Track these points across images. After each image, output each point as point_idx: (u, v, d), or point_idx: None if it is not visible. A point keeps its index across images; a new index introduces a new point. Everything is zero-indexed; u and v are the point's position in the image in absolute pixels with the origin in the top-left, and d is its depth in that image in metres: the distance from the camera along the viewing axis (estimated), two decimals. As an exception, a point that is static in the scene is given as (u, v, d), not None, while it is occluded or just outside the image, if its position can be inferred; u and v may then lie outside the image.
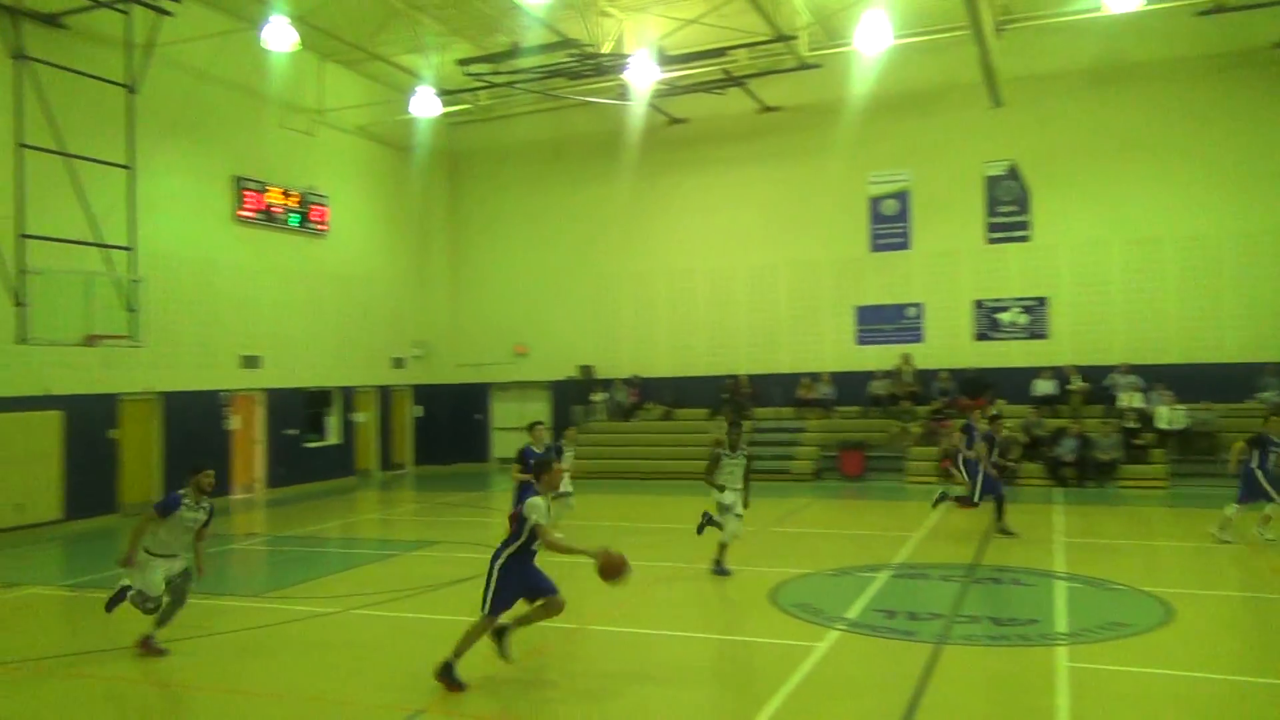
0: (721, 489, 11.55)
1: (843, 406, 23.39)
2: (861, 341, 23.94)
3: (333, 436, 23.99)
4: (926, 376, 22.88)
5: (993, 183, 23.03)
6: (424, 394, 26.94)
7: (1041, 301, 22.54)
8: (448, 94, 22.54)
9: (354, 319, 24.20)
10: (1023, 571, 11.61)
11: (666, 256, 25.84)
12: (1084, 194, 22.18)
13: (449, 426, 27.08)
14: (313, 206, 22.86)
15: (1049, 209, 22.47)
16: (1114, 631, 8.90)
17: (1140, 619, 9.36)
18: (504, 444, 26.89)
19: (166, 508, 8.55)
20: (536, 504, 7.45)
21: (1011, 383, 22.09)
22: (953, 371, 22.71)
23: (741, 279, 25.18)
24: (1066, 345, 22.16)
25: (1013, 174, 22.85)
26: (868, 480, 21.56)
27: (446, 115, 23.92)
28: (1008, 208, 22.93)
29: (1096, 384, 21.35)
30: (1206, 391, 20.22)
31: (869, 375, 23.32)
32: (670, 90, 22.58)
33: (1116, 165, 21.98)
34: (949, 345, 23.14)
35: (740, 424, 12.67)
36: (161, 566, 8.51)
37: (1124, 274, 21.98)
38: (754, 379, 24.45)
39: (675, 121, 25.40)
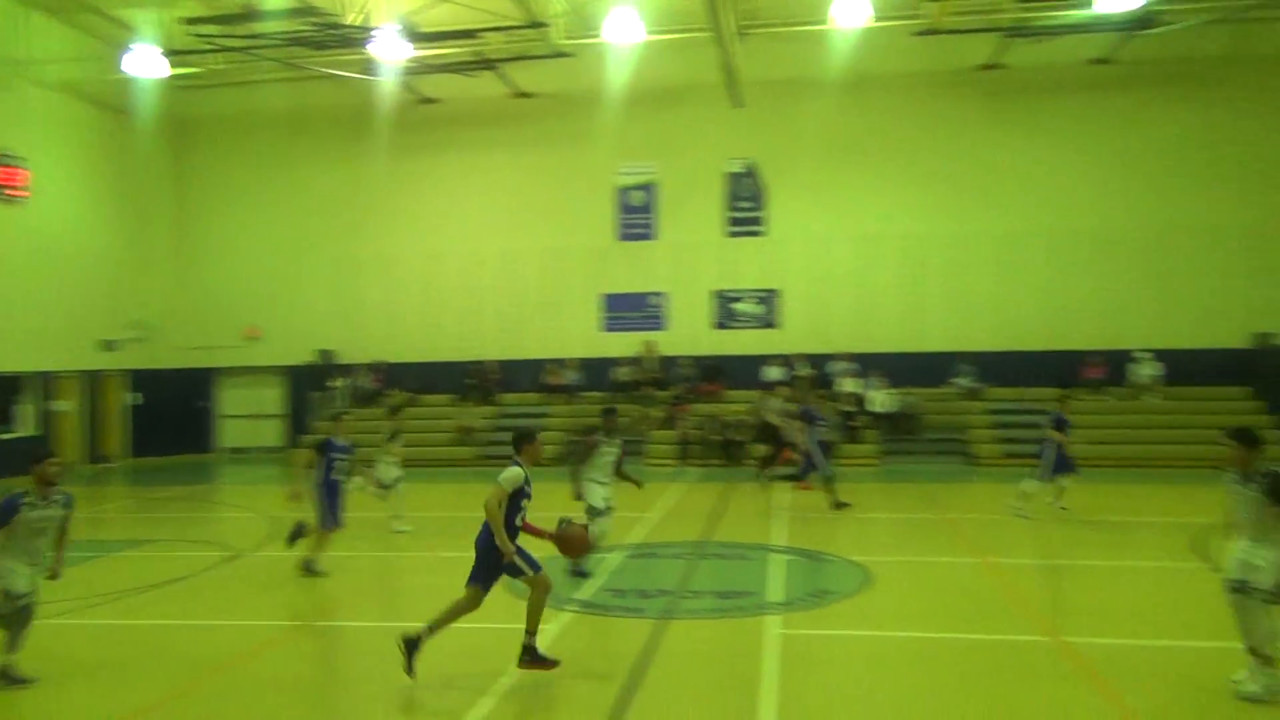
0: (595, 484, 10.35)
1: (588, 392, 23.80)
2: (608, 328, 24.46)
3: (26, 427, 21.49)
4: (668, 363, 23.71)
5: (733, 179, 24.18)
6: (142, 379, 24.75)
7: (774, 293, 23.95)
8: (174, 55, 20.76)
9: (56, 296, 21.81)
10: (747, 547, 12.27)
11: (416, 239, 25.19)
12: (815, 193, 23.77)
13: (170, 415, 25.04)
14: (6, 169, 20.35)
15: (783, 206, 23.90)
16: (822, 599, 9.60)
17: (845, 586, 10.14)
18: (234, 433, 25.25)
19: (4, 515, 7.17)
20: (514, 472, 7.36)
21: (745, 369, 23.32)
22: (694, 358, 23.68)
23: (491, 264, 24.99)
24: (796, 334, 23.68)
25: (751, 172, 24.08)
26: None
27: (173, 78, 22.02)
28: (746, 203, 24.15)
29: (821, 371, 22.97)
30: (913, 377, 22.26)
31: (614, 361, 23.87)
32: (421, 68, 21.98)
33: (845, 167, 23.71)
34: (690, 333, 24.11)
35: (616, 409, 11.43)
36: (23, 570, 7.22)
37: (848, 269, 23.76)
38: (502, 364, 24.37)
39: (426, 101, 24.78)
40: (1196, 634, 8.39)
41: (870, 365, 22.55)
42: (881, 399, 21.93)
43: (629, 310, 24.41)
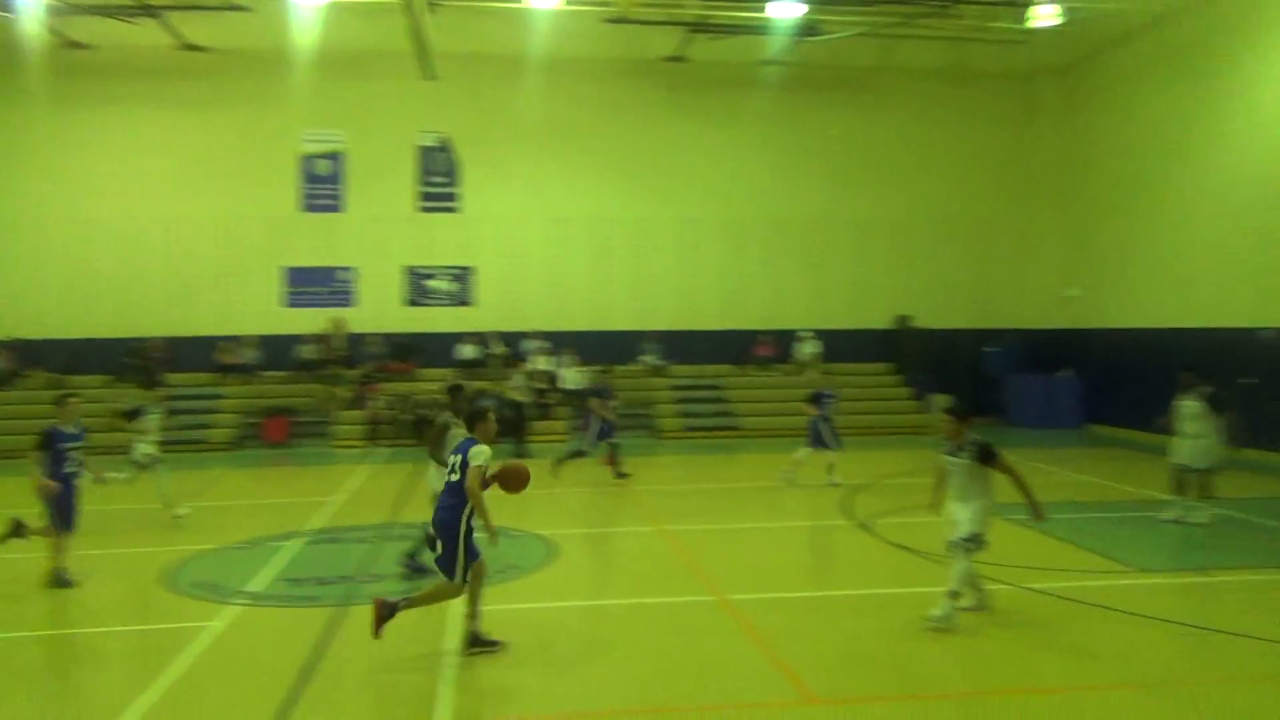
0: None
1: (268, 371, 22.38)
2: (290, 304, 23.10)
3: None
4: (357, 341, 22.83)
5: (426, 153, 23.62)
6: None
7: (468, 270, 23.74)
8: None
9: None
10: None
11: (66, 201, 22.34)
12: (509, 172, 23.77)
13: None
14: None
15: (478, 183, 23.69)
16: (507, 574, 9.67)
17: (531, 560, 10.30)
18: None
19: None
20: (483, 449, 7.17)
21: (439, 347, 22.98)
22: (384, 336, 22.96)
23: (156, 232, 22.75)
24: (490, 312, 23.63)
25: (445, 147, 23.65)
26: (293, 447, 20.91)
27: None
28: (439, 179, 23.70)
29: (514, 348, 23.12)
30: (602, 355, 22.95)
31: (298, 339, 22.60)
32: (68, 8, 19.43)
33: (538, 148, 23.87)
34: (380, 310, 23.34)
35: (462, 386, 10.43)
36: None
37: (540, 248, 24.03)
38: (169, 342, 22.28)
39: (74, 46, 21.96)
40: (840, 584, 9.36)
41: (562, 343, 23.00)
42: (572, 376, 22.45)
43: (314, 285, 23.19)
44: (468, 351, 22.95)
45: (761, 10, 20.82)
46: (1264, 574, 9.79)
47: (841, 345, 24.32)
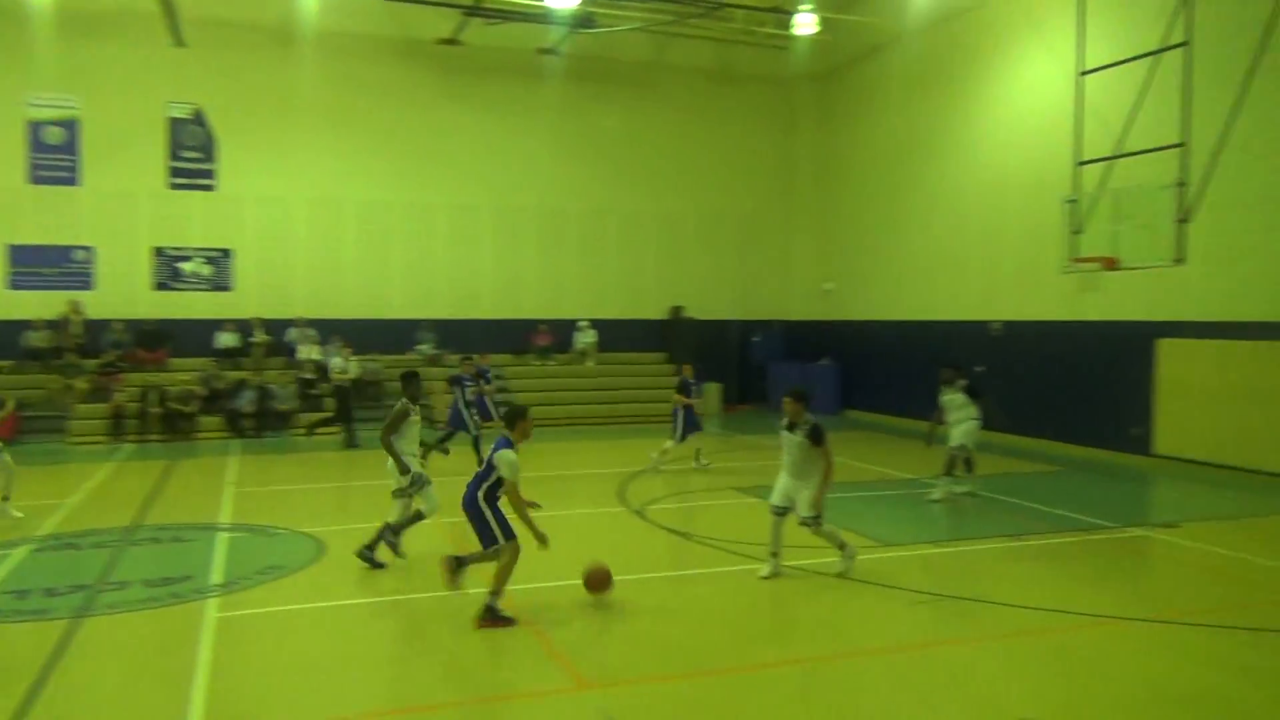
0: (411, 456, 9.59)
1: (-11, 361, 20.05)
2: (15, 286, 20.75)
3: None
4: (98, 327, 20.84)
5: (177, 125, 21.87)
6: None
7: (226, 253, 22.23)
8: None
9: None
10: (185, 528, 11.27)
11: None
12: (272, 150, 22.42)
13: None
14: None
15: (237, 160, 22.18)
16: (269, 575, 9.15)
17: (296, 559, 9.79)
18: None
19: None
20: (508, 457, 7.51)
21: (194, 335, 21.42)
22: (129, 322, 21.09)
23: None
24: (251, 298, 22.24)
25: (199, 119, 21.99)
26: (22, 444, 18.79)
27: None
28: (193, 154, 22.02)
29: (279, 336, 21.90)
30: (375, 344, 22.18)
31: (25, 325, 20.33)
32: None
33: (303, 126, 22.63)
34: (125, 294, 21.42)
35: (417, 374, 10.07)
36: None
37: (307, 232, 22.85)
38: None
39: None
40: (615, 571, 9.50)
41: (332, 332, 22.01)
42: (341, 366, 21.51)
43: (46, 265, 20.92)
44: (227, 339, 21.52)
45: (539, -2, 20.77)
46: (993, 543, 10.85)
47: (618, 335, 24.76)
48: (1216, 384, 15.25)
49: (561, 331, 24.35)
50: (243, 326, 21.73)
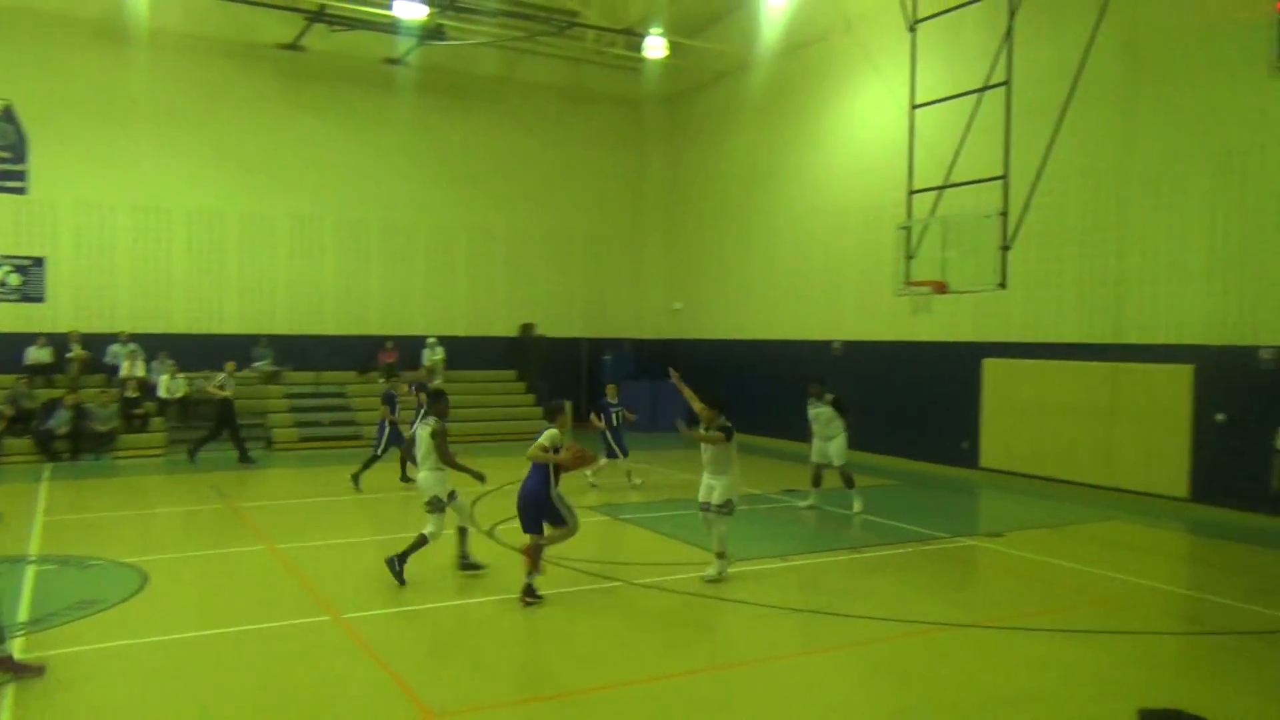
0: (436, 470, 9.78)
1: None
2: None
3: None
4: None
5: (-18, 122, 20.19)
6: None
7: (39, 262, 20.60)
8: None
9: None
10: (-13, 561, 10.30)
11: None
12: (91, 152, 20.97)
13: None
14: None
15: (52, 161, 20.63)
16: (82, 610, 8.45)
17: (114, 592, 9.08)
18: None
19: None
20: (553, 431, 8.74)
21: (1, 349, 19.73)
22: (-77, 336, 19.29)
23: None
24: (66, 310, 20.70)
25: (8, 115, 20.35)
26: None
27: None
28: (1, 153, 20.35)
29: (99, 352, 20.45)
30: (209, 360, 20.96)
31: None
32: None
33: (130, 128, 21.28)
34: (-81, 305, 19.57)
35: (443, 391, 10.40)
36: None
37: (131, 241, 21.47)
38: None
39: None
40: (463, 593, 9.27)
41: (159, 347, 20.72)
42: (169, 384, 20.31)
43: None
44: (39, 355, 19.92)
45: (386, 7, 20.29)
46: (836, 556, 11.18)
47: (466, 352, 24.34)
48: (1036, 401, 16.32)
49: (409, 349, 23.72)
50: (57, 341, 20.18)
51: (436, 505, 9.57)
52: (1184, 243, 14.33)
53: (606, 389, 16.69)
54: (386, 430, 15.58)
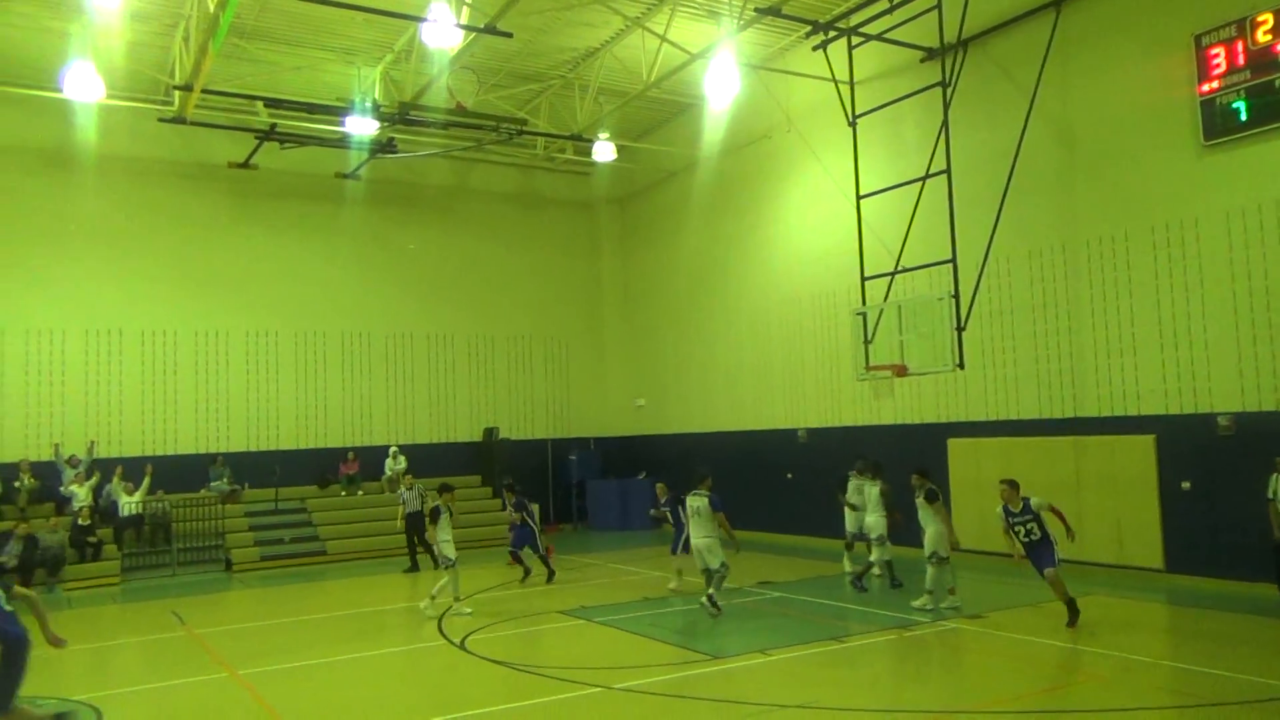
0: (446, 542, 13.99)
1: None
2: None
3: None
4: None
5: (-71, 252, 19.91)
6: None
7: (-15, 390, 20.13)
8: None
9: None
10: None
11: None
12: (40, 277, 20.76)
13: None
14: None
15: (-1, 289, 20.39)
16: (33, 755, 7.95)
17: (66, 733, 8.59)
18: None
19: None
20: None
21: (-55, 483, 19.09)
22: None
23: None
24: (14, 439, 20.16)
25: (-45, 251, 20.13)
26: None
27: None
28: (-52, 283, 20.05)
29: (49, 480, 19.84)
30: (164, 482, 20.42)
31: None
32: None
33: (77, 252, 21.14)
34: None
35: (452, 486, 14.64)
36: None
37: (83, 364, 21.12)
38: None
39: None
40: (439, 709, 8.89)
41: (110, 470, 20.16)
42: (126, 506, 19.70)
43: None
44: (-14, 485, 19.28)
45: (337, 123, 20.59)
46: (820, 647, 10.94)
47: (431, 459, 23.97)
48: (1001, 477, 16.31)
49: (371, 458, 23.35)
50: (5, 471, 19.58)
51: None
52: (1132, 315, 14.68)
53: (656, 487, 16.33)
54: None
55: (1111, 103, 14.88)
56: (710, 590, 12.62)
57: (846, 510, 15.51)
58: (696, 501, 12.86)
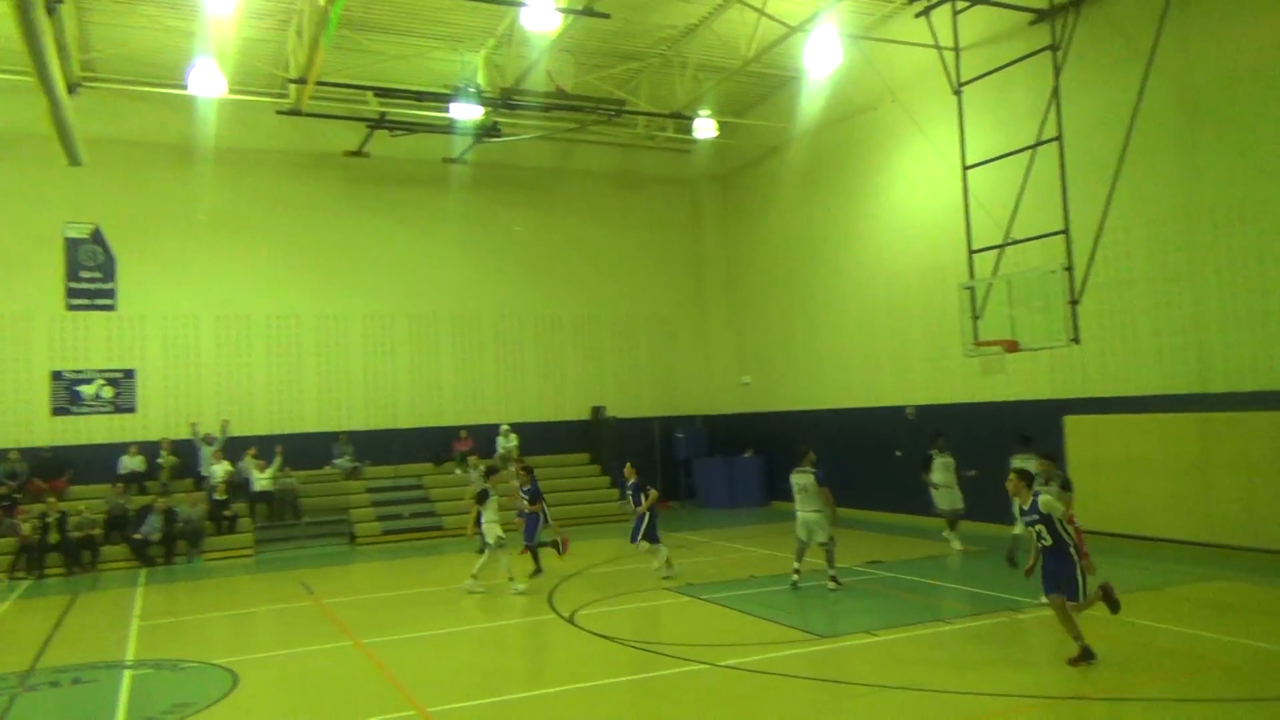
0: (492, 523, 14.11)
1: None
2: (-99, 418, 19.70)
3: None
4: (-8, 458, 19.84)
5: (74, 245, 21.34)
6: None
7: (129, 374, 21.51)
8: None
9: None
10: (86, 667, 10.56)
11: None
12: (174, 266, 22.00)
13: None
14: None
15: (137, 279, 21.67)
16: (176, 714, 8.60)
17: (206, 694, 9.23)
18: None
19: None
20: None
21: (96, 460, 20.55)
22: (25, 451, 20.13)
23: None
24: (156, 419, 21.50)
25: (97, 238, 21.51)
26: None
27: None
28: (91, 274, 21.46)
29: (188, 457, 21.12)
30: (291, 459, 21.46)
31: (-91, 459, 19.25)
32: None
33: (208, 242, 22.30)
34: (22, 421, 20.53)
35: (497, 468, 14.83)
36: None
37: (215, 347, 22.32)
38: None
39: None
40: (548, 681, 9.20)
41: (245, 449, 21.30)
42: (258, 483, 20.83)
43: (-67, 396, 19.95)
44: (132, 463, 20.64)
45: (443, 110, 21.10)
46: (929, 628, 10.84)
47: (539, 437, 24.52)
48: (1123, 457, 15.75)
49: (483, 437, 24.03)
50: (148, 449, 20.92)
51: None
52: (1264, 284, 13.91)
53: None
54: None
55: (1236, 60, 14.07)
56: (830, 570, 12.93)
57: (934, 490, 15.82)
58: (802, 479, 12.88)
